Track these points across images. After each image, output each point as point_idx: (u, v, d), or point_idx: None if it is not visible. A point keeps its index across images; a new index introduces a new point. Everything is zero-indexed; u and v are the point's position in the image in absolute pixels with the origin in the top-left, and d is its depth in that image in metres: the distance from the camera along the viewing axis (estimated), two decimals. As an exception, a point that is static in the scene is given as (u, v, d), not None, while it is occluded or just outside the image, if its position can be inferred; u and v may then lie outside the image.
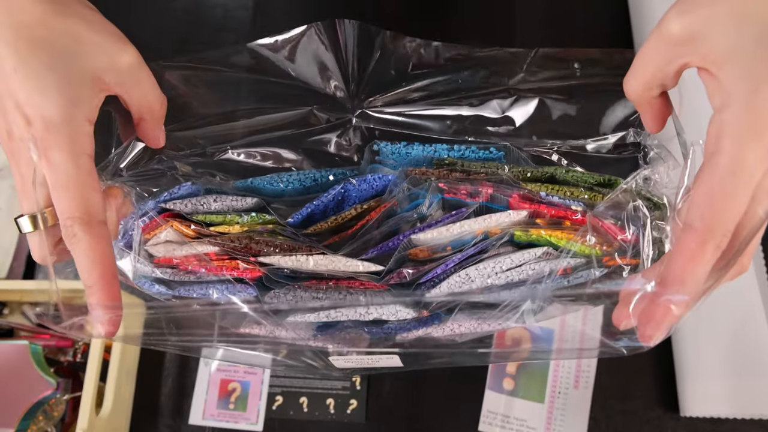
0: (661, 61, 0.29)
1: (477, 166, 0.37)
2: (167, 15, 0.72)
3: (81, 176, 0.29)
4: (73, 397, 0.57)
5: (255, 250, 0.36)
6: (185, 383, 0.62)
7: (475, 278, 0.35)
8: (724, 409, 0.53)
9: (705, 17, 0.27)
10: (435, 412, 0.59)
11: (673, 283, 0.27)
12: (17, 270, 0.66)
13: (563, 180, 0.36)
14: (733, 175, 0.26)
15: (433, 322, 0.38)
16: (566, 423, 0.57)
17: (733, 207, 0.26)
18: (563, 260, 0.35)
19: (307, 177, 0.38)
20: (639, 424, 0.57)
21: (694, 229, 0.27)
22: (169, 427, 0.61)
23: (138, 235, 0.37)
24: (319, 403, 0.60)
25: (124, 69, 0.30)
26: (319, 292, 0.36)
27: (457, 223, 0.35)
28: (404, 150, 0.38)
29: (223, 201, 0.37)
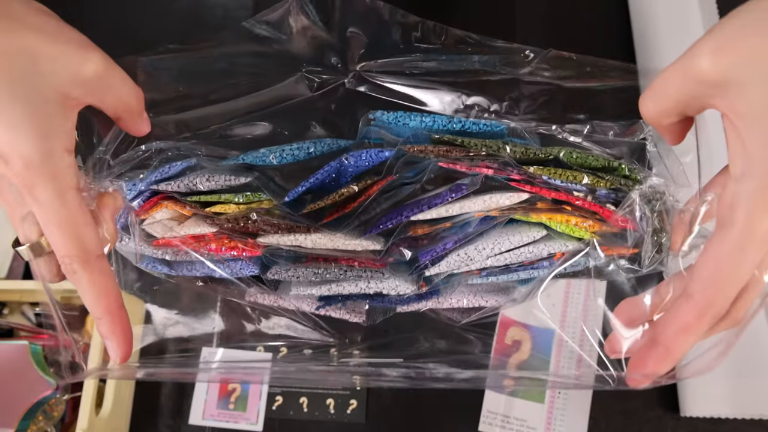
0: (684, 95, 0.27)
1: (478, 144, 0.35)
2: (167, 15, 0.72)
3: (70, 213, 0.28)
4: (73, 397, 0.57)
5: (253, 230, 0.35)
6: (185, 383, 0.62)
7: (474, 258, 0.35)
8: (724, 409, 0.53)
9: (742, 62, 0.24)
10: (435, 412, 0.59)
11: (662, 349, 0.28)
12: (17, 270, 0.66)
13: (567, 162, 0.35)
14: (742, 251, 0.25)
15: (432, 296, 0.39)
16: (566, 423, 0.57)
17: (738, 282, 0.26)
18: (561, 244, 0.36)
19: (300, 150, 0.36)
20: (639, 424, 0.57)
21: (695, 301, 0.27)
22: (169, 427, 0.61)
23: (132, 218, 0.36)
24: (319, 403, 0.60)
25: (90, 78, 0.28)
26: (320, 268, 0.36)
27: (457, 204, 0.34)
28: (402, 119, 0.36)
29: (216, 180, 0.35)
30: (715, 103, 0.26)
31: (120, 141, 0.35)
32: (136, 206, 0.36)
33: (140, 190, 0.36)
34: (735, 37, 0.24)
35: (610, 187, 0.35)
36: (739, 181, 0.25)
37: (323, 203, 0.35)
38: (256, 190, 0.36)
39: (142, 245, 0.37)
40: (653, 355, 0.28)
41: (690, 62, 0.26)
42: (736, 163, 0.26)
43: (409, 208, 0.35)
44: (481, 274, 0.38)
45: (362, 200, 0.35)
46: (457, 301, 0.40)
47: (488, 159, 0.34)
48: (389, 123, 0.36)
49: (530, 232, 0.35)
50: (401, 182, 0.35)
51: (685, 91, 0.27)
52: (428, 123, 0.36)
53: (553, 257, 0.37)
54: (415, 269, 0.37)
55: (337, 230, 0.35)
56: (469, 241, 0.36)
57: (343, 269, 0.37)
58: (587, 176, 0.34)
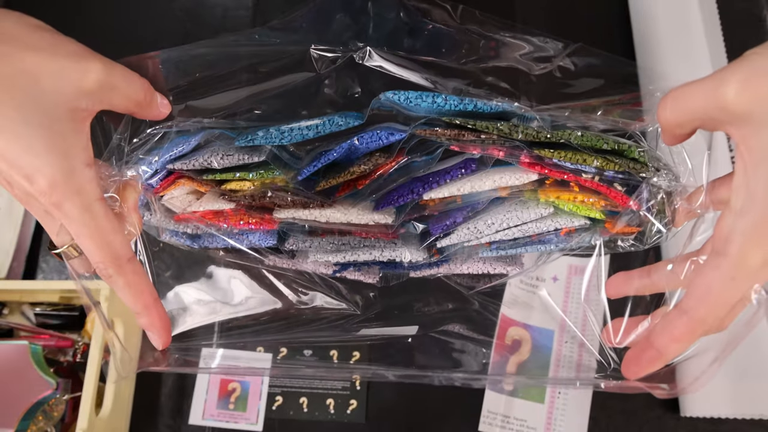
0: (704, 114, 0.28)
1: (490, 127, 0.35)
2: (167, 15, 0.72)
3: (98, 224, 0.29)
4: (72, 397, 0.57)
5: (268, 205, 0.37)
6: (185, 383, 0.62)
7: (484, 231, 0.37)
8: (724, 409, 0.53)
9: (765, 99, 0.25)
10: (435, 412, 0.59)
11: (654, 352, 0.31)
12: (17, 270, 0.66)
13: (577, 145, 0.35)
14: (733, 280, 0.27)
15: (443, 263, 0.41)
16: (566, 423, 0.57)
17: (728, 304, 0.29)
18: (568, 220, 0.37)
19: (310, 129, 0.36)
20: (639, 424, 0.57)
21: (688, 317, 0.29)
22: (169, 427, 0.61)
23: (150, 196, 0.38)
24: (319, 403, 0.60)
25: (93, 88, 0.28)
26: (335, 239, 0.39)
27: (468, 183, 0.36)
28: (414, 100, 0.35)
29: (231, 158, 0.36)
30: (732, 132, 0.27)
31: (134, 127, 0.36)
32: (155, 184, 0.37)
33: (156, 169, 0.37)
34: (763, 73, 0.25)
35: (619, 170, 0.35)
36: (738, 216, 0.27)
37: (335, 181, 0.36)
38: (269, 167, 0.36)
39: (163, 219, 0.38)
40: (647, 356, 0.31)
41: (717, 86, 0.26)
42: (738, 197, 0.27)
43: (420, 185, 0.36)
44: (490, 247, 0.40)
45: (374, 178, 0.36)
46: (467, 267, 0.42)
47: (499, 142, 0.35)
48: (400, 104, 0.36)
49: (538, 209, 0.37)
50: (412, 160, 0.36)
51: (706, 111, 0.27)
52: (440, 103, 0.35)
53: (560, 232, 0.38)
54: (427, 240, 0.39)
55: (350, 206, 0.37)
56: (478, 215, 0.38)
57: (357, 239, 0.39)
58: (597, 159, 0.35)
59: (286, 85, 0.38)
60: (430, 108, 0.36)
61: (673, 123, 0.30)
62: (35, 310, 0.62)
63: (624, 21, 0.67)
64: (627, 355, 0.33)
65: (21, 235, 0.67)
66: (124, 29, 0.72)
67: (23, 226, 0.68)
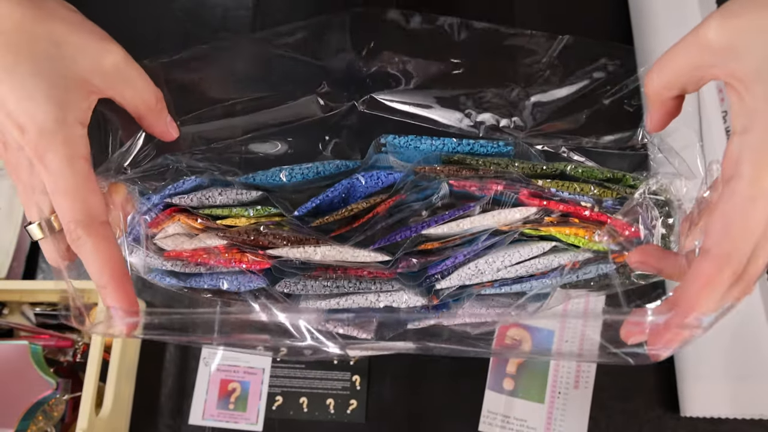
0: (689, 65, 0.28)
1: (487, 163, 0.36)
2: (167, 15, 0.72)
3: (78, 180, 0.28)
4: (72, 397, 0.57)
5: (263, 243, 0.36)
6: (185, 383, 0.62)
7: (485, 271, 0.36)
8: (724, 409, 0.53)
9: (744, 28, 0.26)
10: (435, 412, 0.59)
11: (687, 307, 0.27)
12: (17, 270, 0.66)
13: (573, 176, 0.36)
14: (753, 200, 0.26)
15: (443, 310, 0.39)
16: (566, 423, 0.57)
17: (752, 233, 0.26)
18: (571, 255, 0.37)
19: (309, 170, 0.37)
20: (639, 424, 0.57)
21: (712, 255, 0.27)
22: (169, 427, 0.61)
23: (144, 230, 0.37)
24: (319, 403, 0.60)
25: (110, 70, 0.29)
26: (329, 281, 0.37)
27: (468, 220, 0.35)
28: (412, 143, 0.37)
29: (228, 194, 0.36)
30: (717, 73, 0.27)
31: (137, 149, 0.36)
32: (149, 219, 0.37)
33: (154, 202, 0.37)
34: (739, 11, 0.26)
35: (616, 197, 0.36)
36: (743, 135, 0.26)
37: (332, 218, 0.36)
38: (267, 204, 0.37)
39: (151, 257, 0.37)
40: (676, 318, 0.28)
41: (697, 32, 0.27)
42: (738, 120, 0.27)
43: (418, 224, 0.36)
44: (493, 285, 0.39)
45: (370, 216, 0.36)
46: (469, 315, 0.40)
47: (497, 176, 0.36)
48: (400, 147, 0.37)
49: (539, 244, 0.36)
50: (409, 203, 0.36)
51: (691, 60, 0.28)
52: (438, 146, 0.37)
53: (564, 267, 0.38)
54: (425, 281, 0.38)
55: (345, 243, 0.36)
56: (479, 254, 0.37)
57: (352, 281, 0.37)
58: (594, 187, 0.35)
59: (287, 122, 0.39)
60: (429, 150, 0.37)
61: (660, 86, 0.30)
62: (35, 310, 0.62)
63: (624, 22, 0.67)
64: (650, 334, 0.29)
65: (21, 235, 0.67)
66: (124, 29, 0.71)
67: (23, 226, 0.68)
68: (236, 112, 0.39)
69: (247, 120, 0.39)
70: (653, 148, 0.37)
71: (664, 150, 0.36)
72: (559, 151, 0.38)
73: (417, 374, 0.60)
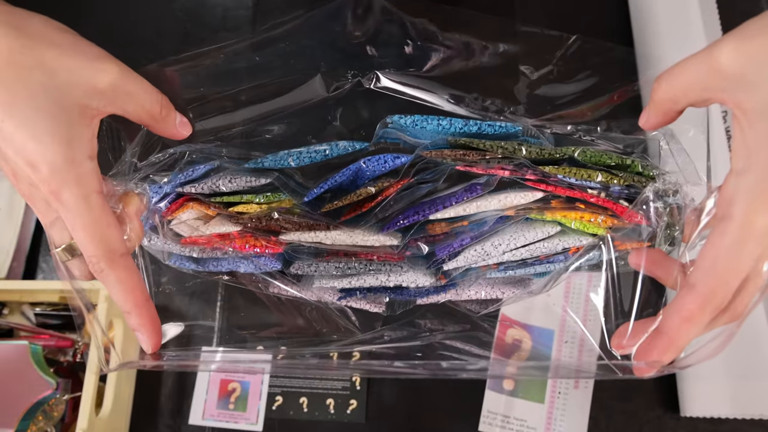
0: (698, 85, 0.28)
1: (494, 146, 0.36)
2: (167, 15, 0.72)
3: (94, 215, 0.29)
4: (72, 397, 0.57)
5: (275, 228, 0.37)
6: (185, 383, 0.62)
7: (491, 253, 0.37)
8: (724, 409, 0.53)
9: (757, 56, 0.25)
10: (435, 412, 0.59)
11: (666, 338, 0.29)
12: (17, 270, 0.66)
13: (581, 161, 0.36)
14: (741, 243, 0.26)
15: (451, 288, 0.40)
16: (566, 423, 0.57)
17: (738, 273, 0.27)
18: (576, 239, 0.37)
19: (318, 153, 0.37)
20: (639, 424, 0.57)
21: (696, 291, 0.27)
22: (169, 427, 0.61)
23: (159, 219, 0.38)
24: (319, 403, 0.60)
25: (106, 89, 0.29)
26: (340, 263, 0.38)
27: (474, 203, 0.36)
28: (419, 123, 0.37)
29: (238, 182, 0.37)
30: (725, 98, 0.27)
31: (146, 144, 0.36)
32: (163, 207, 0.38)
33: (166, 192, 0.38)
34: (755, 34, 0.26)
35: (623, 184, 0.35)
36: (740, 175, 0.26)
37: (341, 203, 0.36)
38: (276, 190, 0.37)
39: (170, 243, 0.38)
40: (657, 344, 0.29)
41: (711, 52, 0.27)
42: (737, 157, 0.26)
43: (426, 207, 0.36)
44: (498, 268, 0.39)
45: (379, 200, 0.36)
46: (475, 293, 0.41)
47: (504, 161, 0.35)
48: (406, 126, 0.37)
49: (545, 228, 0.37)
50: (418, 183, 0.36)
51: (701, 79, 0.28)
52: (445, 126, 0.36)
53: (568, 252, 0.38)
54: (433, 263, 0.39)
55: (355, 227, 0.36)
56: (485, 237, 0.37)
57: (363, 263, 0.38)
58: (601, 174, 0.35)
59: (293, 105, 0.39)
60: (435, 130, 0.37)
61: (667, 97, 0.30)
62: (35, 310, 0.62)
63: (624, 23, 0.67)
64: (637, 349, 0.31)
65: (21, 235, 0.67)
66: (124, 29, 0.72)
67: (23, 226, 0.68)
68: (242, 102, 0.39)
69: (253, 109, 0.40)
70: (663, 140, 0.37)
71: (672, 147, 0.36)
72: (568, 133, 0.38)
73: (417, 374, 0.60)
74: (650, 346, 0.30)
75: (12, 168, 0.29)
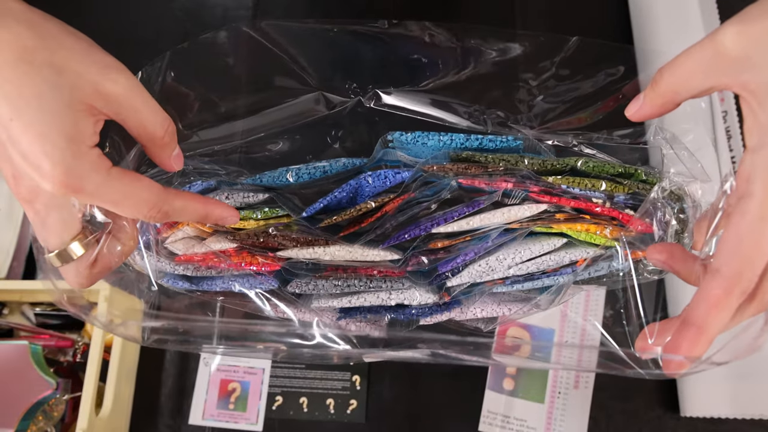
0: (701, 72, 0.28)
1: (496, 159, 0.35)
2: (167, 15, 0.72)
3: (125, 186, 0.29)
4: (72, 397, 0.57)
5: (272, 244, 0.36)
6: (185, 383, 0.62)
7: (496, 268, 0.36)
8: (724, 409, 0.53)
9: (761, 37, 0.25)
10: (435, 412, 0.59)
11: (694, 329, 0.27)
12: (17, 270, 0.66)
13: (584, 171, 0.36)
14: (763, 221, 0.25)
15: (455, 306, 0.39)
16: (566, 423, 0.57)
17: (763, 253, 0.26)
18: (583, 251, 0.36)
19: (316, 169, 0.37)
20: (639, 424, 0.57)
21: (721, 275, 0.27)
22: (169, 427, 0.61)
23: (154, 235, 0.37)
24: (319, 403, 0.60)
25: (111, 95, 0.29)
26: (339, 280, 0.37)
27: (477, 217, 0.35)
28: (420, 140, 0.36)
29: (236, 197, 0.36)
30: (729, 83, 0.27)
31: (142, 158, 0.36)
32: (158, 224, 0.37)
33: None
34: (758, 17, 0.26)
35: (628, 192, 0.35)
36: (756, 152, 0.26)
37: (340, 218, 0.35)
38: (274, 206, 0.37)
39: (163, 261, 0.37)
40: (687, 336, 0.28)
41: (714, 39, 0.27)
42: (751, 135, 0.26)
43: (428, 221, 0.36)
44: (504, 282, 0.38)
45: (379, 216, 0.35)
46: (480, 310, 0.40)
47: (507, 173, 0.35)
48: (407, 143, 0.37)
49: (550, 241, 0.36)
50: (418, 200, 0.36)
51: (704, 66, 0.27)
52: (446, 142, 0.36)
53: (576, 264, 0.37)
54: (436, 279, 0.37)
55: (355, 243, 0.36)
56: (489, 251, 0.36)
57: (363, 280, 0.37)
58: (605, 183, 0.35)
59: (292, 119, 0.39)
60: (437, 146, 0.36)
61: (669, 88, 0.29)
62: (35, 310, 0.62)
63: (624, 22, 0.67)
64: (666, 345, 0.29)
65: (21, 235, 0.67)
66: (124, 29, 0.72)
67: (23, 227, 0.68)
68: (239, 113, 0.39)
69: (252, 121, 0.39)
70: (666, 145, 0.36)
71: (676, 150, 0.36)
72: (569, 145, 0.37)
73: (417, 374, 0.60)
74: (679, 340, 0.28)
75: (14, 169, 0.29)
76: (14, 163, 0.28)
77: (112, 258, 0.32)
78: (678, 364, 0.28)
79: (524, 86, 0.39)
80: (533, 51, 0.39)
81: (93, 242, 0.31)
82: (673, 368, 0.29)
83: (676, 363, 0.28)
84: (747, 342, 0.28)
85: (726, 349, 0.29)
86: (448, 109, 0.38)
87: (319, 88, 0.39)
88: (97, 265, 0.32)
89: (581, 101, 0.38)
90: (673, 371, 0.29)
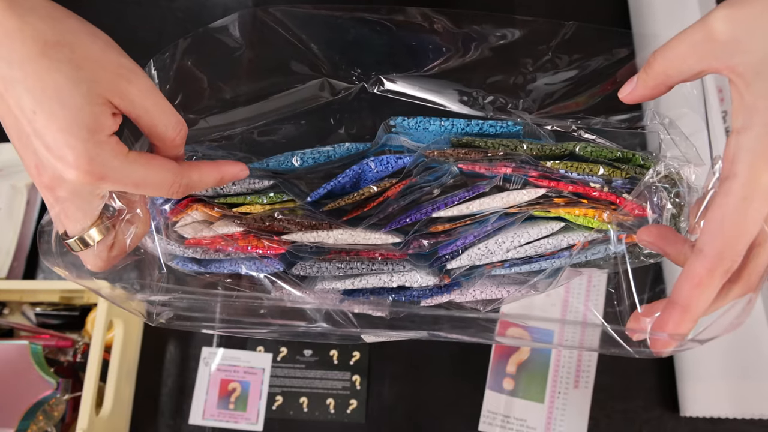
0: (693, 55, 0.28)
1: (495, 144, 0.36)
2: (167, 15, 0.72)
3: (146, 169, 0.30)
4: (73, 397, 0.57)
5: (278, 228, 0.37)
6: (185, 383, 0.62)
7: (495, 251, 0.37)
8: (724, 409, 0.53)
9: (750, 20, 0.26)
10: (435, 413, 0.59)
11: (679, 308, 0.28)
12: (17, 270, 0.66)
13: (582, 156, 0.36)
14: (747, 200, 0.26)
15: (455, 288, 0.40)
16: (566, 423, 0.57)
17: (745, 233, 0.26)
18: (580, 235, 0.37)
19: (321, 154, 0.38)
20: (639, 424, 0.57)
21: (704, 255, 0.27)
22: (169, 427, 0.61)
23: (164, 220, 0.38)
24: (319, 403, 0.60)
25: (125, 97, 0.30)
26: (342, 263, 0.38)
27: (477, 202, 0.36)
28: (422, 125, 0.37)
29: (242, 183, 0.37)
30: (719, 66, 0.27)
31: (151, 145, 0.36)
32: (168, 209, 0.38)
33: None
34: (744, 3, 0.26)
35: (625, 176, 0.36)
36: (740, 133, 0.26)
37: (344, 202, 0.37)
38: (280, 191, 0.38)
39: (173, 245, 0.38)
40: (672, 314, 0.29)
41: (705, 23, 0.27)
42: (737, 118, 0.27)
43: (428, 205, 0.37)
44: (503, 265, 0.39)
45: (381, 200, 0.37)
46: (480, 292, 0.41)
47: (506, 158, 0.36)
48: (410, 128, 0.37)
49: (548, 225, 0.37)
50: (420, 185, 0.36)
51: (696, 50, 0.28)
52: (447, 127, 0.37)
53: (573, 247, 0.38)
54: (436, 261, 0.38)
55: (357, 226, 0.37)
56: (489, 235, 0.37)
57: (365, 263, 0.38)
58: (603, 167, 0.35)
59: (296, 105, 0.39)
60: (438, 131, 0.37)
61: (661, 70, 0.30)
62: (36, 310, 0.62)
63: (621, 8, 0.67)
64: (653, 324, 0.30)
65: (21, 235, 0.67)
66: (124, 30, 0.72)
67: (24, 226, 0.68)
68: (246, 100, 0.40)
69: (257, 108, 0.40)
70: (663, 130, 0.37)
71: (673, 134, 0.36)
72: (569, 130, 0.38)
73: (417, 374, 0.60)
74: (666, 318, 0.29)
75: (37, 160, 0.30)
76: (38, 154, 0.29)
77: (128, 241, 0.34)
78: (664, 342, 0.29)
79: (523, 71, 0.39)
80: (532, 36, 0.39)
81: (110, 227, 0.33)
82: (659, 347, 0.30)
83: (662, 341, 0.29)
84: (729, 320, 0.29)
85: (710, 327, 0.30)
86: (450, 94, 0.39)
87: (324, 75, 0.39)
88: (114, 249, 0.33)
89: (579, 85, 0.39)
90: (660, 349, 0.30)
